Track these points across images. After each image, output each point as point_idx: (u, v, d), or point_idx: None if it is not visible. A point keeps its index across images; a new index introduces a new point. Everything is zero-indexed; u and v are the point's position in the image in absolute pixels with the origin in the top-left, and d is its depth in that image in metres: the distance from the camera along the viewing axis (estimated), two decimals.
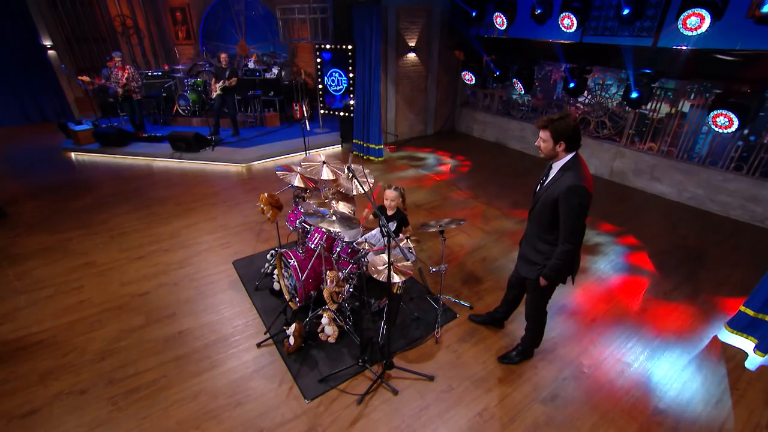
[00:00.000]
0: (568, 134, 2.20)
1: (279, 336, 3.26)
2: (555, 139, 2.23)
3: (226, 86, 7.44)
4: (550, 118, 2.22)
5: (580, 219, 2.23)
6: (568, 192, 2.19)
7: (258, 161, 7.16)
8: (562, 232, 2.30)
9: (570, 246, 2.30)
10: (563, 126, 2.19)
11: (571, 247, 2.30)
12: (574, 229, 2.26)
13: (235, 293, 3.82)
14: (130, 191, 5.98)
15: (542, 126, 2.25)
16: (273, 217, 3.76)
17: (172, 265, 4.22)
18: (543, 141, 2.29)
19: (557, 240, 2.39)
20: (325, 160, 3.69)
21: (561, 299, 3.71)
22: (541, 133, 2.29)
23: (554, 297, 2.97)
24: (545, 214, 2.39)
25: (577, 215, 2.22)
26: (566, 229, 2.28)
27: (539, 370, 3.01)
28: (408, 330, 3.40)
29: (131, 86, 7.19)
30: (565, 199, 2.21)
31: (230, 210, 5.44)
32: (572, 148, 2.26)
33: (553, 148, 2.27)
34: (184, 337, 3.29)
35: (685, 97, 5.44)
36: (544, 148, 2.31)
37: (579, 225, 2.25)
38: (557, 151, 2.28)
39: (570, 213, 2.22)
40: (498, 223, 5.15)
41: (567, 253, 2.32)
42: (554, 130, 2.21)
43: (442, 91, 8.69)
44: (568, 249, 2.30)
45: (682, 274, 4.08)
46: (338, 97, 7.23)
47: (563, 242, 2.31)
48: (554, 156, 2.31)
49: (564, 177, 2.25)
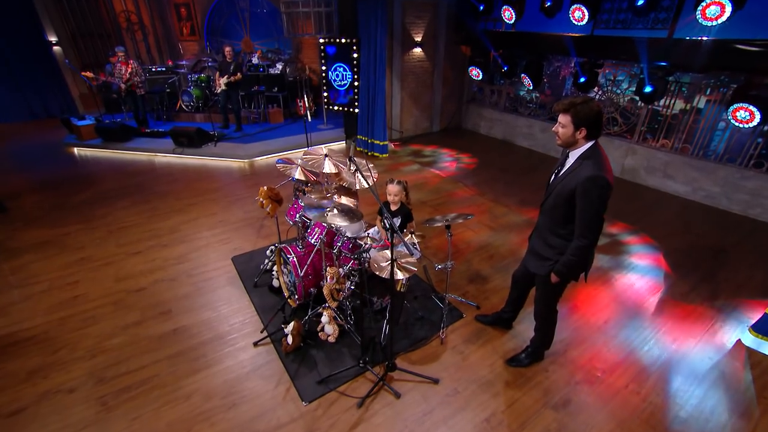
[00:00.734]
0: (591, 120, 2.03)
1: (277, 334, 3.12)
2: (576, 125, 2.06)
3: (231, 81, 7.33)
4: (572, 101, 2.05)
5: (599, 212, 2.06)
6: (587, 182, 2.02)
7: (261, 157, 7.04)
8: (578, 226, 2.13)
9: (586, 241, 2.12)
10: (586, 110, 2.01)
11: (587, 243, 2.13)
12: (592, 223, 2.09)
13: (234, 290, 3.69)
14: (131, 186, 5.88)
15: (563, 109, 2.07)
16: (272, 211, 3.63)
17: (170, 261, 4.10)
18: (562, 126, 2.12)
19: (571, 234, 2.22)
20: (328, 153, 3.55)
21: (572, 299, 3.53)
22: (560, 118, 2.12)
23: (565, 296, 2.80)
24: (560, 206, 2.22)
25: (595, 208, 2.05)
26: (583, 222, 2.10)
27: (550, 373, 2.84)
28: (412, 330, 3.25)
29: (134, 81, 7.09)
30: (584, 190, 2.04)
31: (231, 205, 5.31)
32: (593, 135, 2.09)
33: (572, 134, 2.10)
34: (179, 335, 3.16)
35: (700, 92, 5.22)
36: (563, 135, 2.13)
37: (597, 219, 2.08)
38: (576, 138, 2.11)
39: (588, 205, 2.05)
40: (505, 221, 4.98)
41: (582, 248, 2.15)
42: (576, 115, 2.03)
43: (449, 88, 8.52)
44: (583, 244, 2.13)
45: (699, 275, 3.87)
46: (342, 92, 7.09)
47: (579, 237, 2.14)
48: (572, 144, 2.14)
49: (582, 166, 2.08)
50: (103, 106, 8.50)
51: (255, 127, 8.33)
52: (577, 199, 2.08)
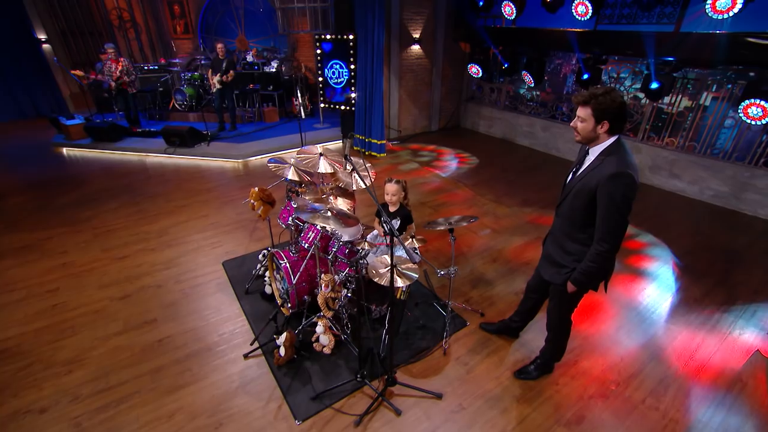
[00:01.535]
0: (614, 112, 1.82)
1: (269, 345, 2.90)
2: (597, 118, 1.86)
3: (224, 80, 7.10)
4: (592, 93, 1.84)
5: (623, 214, 1.85)
6: (611, 181, 1.81)
7: (255, 157, 6.81)
8: (598, 230, 1.92)
9: (607, 246, 1.92)
10: (608, 102, 1.81)
11: (609, 248, 1.92)
12: (614, 227, 1.88)
13: (224, 297, 3.47)
14: (120, 187, 5.63)
15: (583, 102, 1.87)
16: (264, 213, 3.41)
17: (157, 266, 3.87)
18: (581, 120, 1.91)
19: (590, 239, 2.01)
20: (323, 152, 3.34)
21: (581, 304, 3.29)
22: (579, 111, 1.91)
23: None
24: (578, 209, 2.01)
25: (619, 209, 1.84)
26: (604, 225, 1.90)
27: (561, 387, 2.64)
28: (412, 339, 3.04)
29: (125, 79, 6.84)
30: (606, 189, 1.83)
31: (223, 207, 5.09)
32: (616, 129, 1.88)
33: (593, 128, 1.89)
34: (164, 346, 2.94)
35: (707, 90, 5.04)
36: (582, 129, 1.93)
37: (620, 221, 1.87)
38: (598, 133, 1.90)
39: (611, 206, 1.84)
40: (508, 222, 4.77)
41: (603, 254, 1.94)
42: (597, 107, 1.83)
43: (447, 86, 8.31)
44: (604, 250, 1.92)
45: (712, 279, 3.68)
46: (339, 90, 6.86)
47: (599, 241, 1.93)
48: (593, 139, 1.94)
49: (605, 163, 1.87)
50: (94, 106, 8.24)
51: (250, 126, 8.10)
52: (599, 200, 1.88)
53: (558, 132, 7.00)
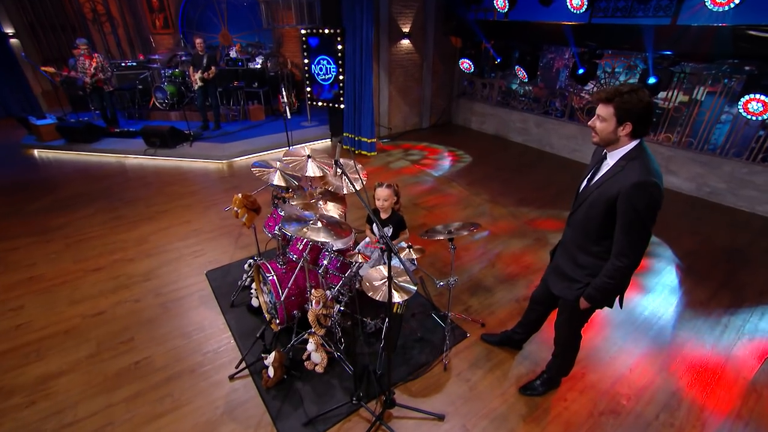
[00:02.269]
0: (639, 113, 1.64)
1: (257, 365, 2.68)
2: (619, 119, 1.67)
3: (205, 78, 6.76)
4: (617, 90, 1.65)
5: (647, 226, 1.68)
6: (634, 190, 1.63)
7: (240, 157, 6.51)
8: (618, 243, 1.75)
9: (627, 262, 1.74)
10: (634, 101, 1.62)
11: (629, 264, 1.74)
12: (637, 240, 1.71)
13: (208, 311, 3.23)
14: (96, 192, 5.30)
15: (605, 99, 1.68)
16: (249, 221, 3.17)
17: (135, 278, 3.60)
18: (601, 120, 1.72)
19: (606, 252, 1.84)
20: (311, 154, 3.11)
21: None
22: (600, 109, 1.72)
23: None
24: (594, 219, 1.83)
25: (642, 221, 1.67)
26: (625, 239, 1.72)
27: (569, 403, 2.48)
28: (410, 354, 2.85)
29: (100, 77, 6.44)
30: (629, 199, 1.65)
31: (206, 212, 4.81)
32: (640, 132, 1.70)
33: (614, 130, 1.70)
34: (142, 369, 2.69)
35: (703, 84, 4.94)
36: (602, 130, 1.74)
37: (643, 235, 1.70)
38: (618, 136, 1.72)
39: (633, 218, 1.67)
40: (506, 224, 4.61)
41: (622, 270, 1.76)
42: (620, 106, 1.64)
43: (438, 81, 8.10)
44: (624, 265, 1.75)
45: (717, 280, 3.58)
46: (327, 87, 6.60)
47: (618, 256, 1.75)
48: (612, 142, 1.75)
49: (627, 170, 1.69)
50: (68, 104, 7.80)
51: (234, 125, 7.77)
52: (619, 210, 1.70)
53: (552, 128, 6.86)
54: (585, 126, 6.37)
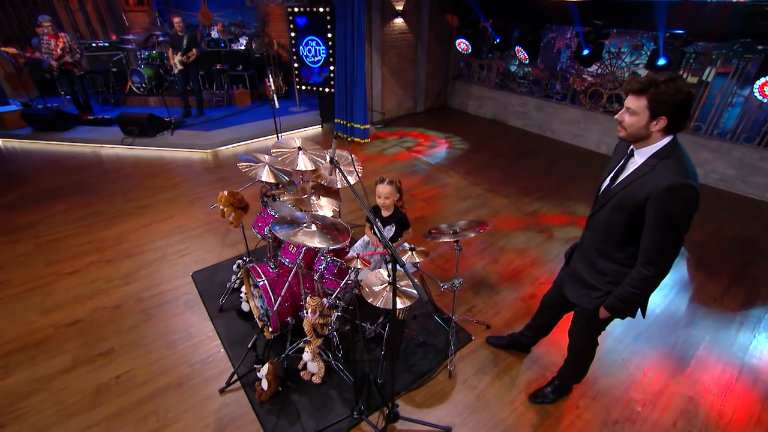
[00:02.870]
0: (676, 106, 1.46)
1: (249, 377, 2.53)
2: (653, 112, 1.49)
3: (186, 61, 6.37)
4: (652, 79, 1.46)
5: (679, 234, 1.53)
6: (668, 194, 1.47)
7: (226, 146, 6.22)
8: (646, 251, 1.60)
9: (655, 271, 1.60)
10: (671, 92, 1.43)
11: (657, 273, 1.60)
12: (668, 248, 1.56)
13: (194, 317, 3.05)
14: (69, 186, 5.01)
15: (637, 90, 1.49)
16: (236, 220, 2.97)
17: (115, 282, 3.39)
18: (631, 113, 1.54)
19: (631, 259, 1.70)
20: (301, 145, 2.89)
21: None
22: (630, 101, 1.53)
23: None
24: (618, 222, 1.68)
25: (675, 228, 1.52)
26: (655, 246, 1.57)
27: (582, 410, 2.39)
28: (412, 359, 2.72)
29: (68, 59, 6.02)
30: (661, 203, 1.49)
31: (191, 206, 4.57)
32: (675, 127, 1.53)
33: (645, 125, 1.53)
34: (124, 384, 2.52)
35: (712, 65, 4.77)
36: (631, 125, 1.56)
37: (675, 242, 1.55)
38: (650, 131, 1.54)
39: (665, 224, 1.52)
40: (508, 215, 4.47)
41: (650, 280, 1.62)
42: (655, 98, 1.46)
43: (434, 63, 7.80)
44: (652, 275, 1.61)
45: (729, 273, 3.50)
46: (316, 70, 6.28)
47: (646, 264, 1.61)
48: (643, 138, 1.58)
49: (659, 170, 1.53)
50: (34, 89, 7.34)
51: (219, 111, 7.43)
52: (649, 215, 1.54)
53: (552, 111, 6.67)
54: (587, 110, 6.20)
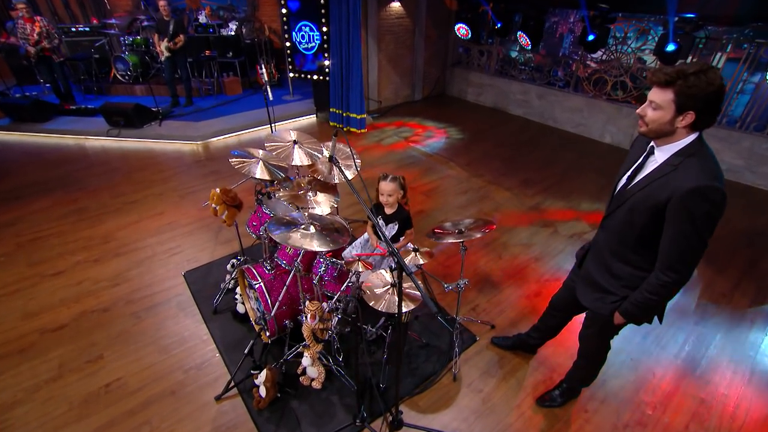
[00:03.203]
0: (706, 100, 1.35)
1: (246, 383, 2.46)
2: (680, 106, 1.38)
3: (172, 47, 6.13)
4: (680, 70, 1.35)
5: (703, 238, 1.45)
6: (692, 196, 1.38)
7: (217, 137, 6.04)
8: (666, 255, 1.52)
9: (676, 277, 1.52)
10: (702, 85, 1.32)
11: (678, 279, 1.52)
12: (689, 253, 1.48)
13: (187, 319, 2.96)
14: (52, 180, 4.83)
15: (663, 82, 1.38)
16: (230, 219, 2.86)
17: (103, 283, 3.28)
18: (655, 107, 1.43)
19: (648, 263, 1.62)
20: (297, 139, 2.77)
21: None
22: (654, 94, 1.42)
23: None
24: (635, 225, 1.59)
25: (698, 232, 1.43)
26: (676, 251, 1.49)
27: (591, 414, 2.35)
28: (416, 363, 2.66)
29: (45, 45, 5.76)
30: (685, 206, 1.41)
31: (182, 201, 4.44)
32: (703, 123, 1.42)
33: (670, 120, 1.42)
34: (114, 393, 2.44)
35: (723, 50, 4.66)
36: (653, 120, 1.45)
37: (698, 247, 1.47)
38: (675, 127, 1.44)
39: (688, 228, 1.43)
40: (510, 208, 4.39)
41: (668, 286, 1.55)
42: (683, 91, 1.35)
43: (432, 49, 7.61)
44: (671, 281, 1.53)
45: (738, 268, 3.46)
46: (310, 57, 6.08)
47: (665, 270, 1.53)
48: (666, 134, 1.47)
49: (683, 170, 1.43)
50: (11, 76, 7.05)
51: (209, 100, 7.21)
52: (670, 217, 1.46)
53: (555, 99, 6.55)
54: (591, 98, 6.09)
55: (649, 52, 5.41)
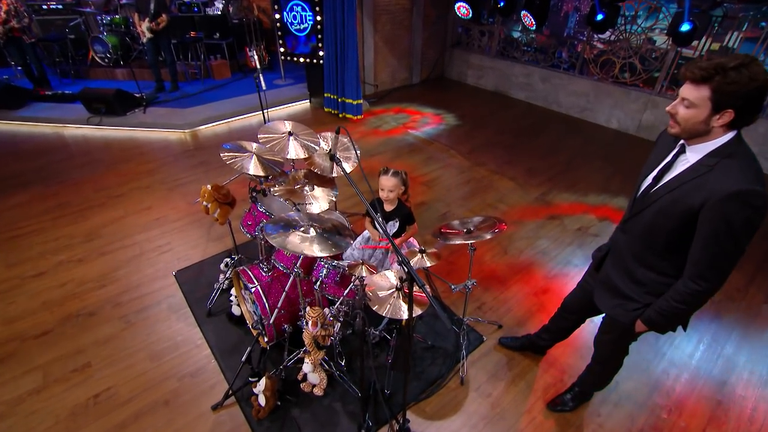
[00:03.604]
0: (747, 96, 1.23)
1: (244, 390, 2.39)
2: (717, 104, 1.26)
3: (155, 28, 5.84)
4: (719, 65, 1.22)
5: (740, 246, 1.35)
6: (731, 202, 1.28)
7: (206, 125, 5.83)
8: (697, 262, 1.43)
9: (707, 286, 1.43)
10: (743, 81, 1.20)
11: (709, 288, 1.43)
12: (724, 262, 1.39)
13: (180, 323, 2.86)
14: (29, 173, 4.64)
15: (699, 78, 1.26)
16: (222, 218, 2.74)
17: (88, 285, 3.15)
18: (688, 106, 1.32)
19: (674, 268, 1.53)
20: (292, 130, 2.63)
21: None
22: (688, 90, 1.31)
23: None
24: (662, 229, 1.49)
25: (735, 240, 1.33)
26: (708, 258, 1.40)
27: (604, 418, 2.31)
28: (421, 366, 2.60)
29: (14, 25, 5.45)
30: (721, 211, 1.31)
31: (170, 195, 4.28)
32: (742, 122, 1.31)
33: (705, 119, 1.31)
34: (103, 404, 2.35)
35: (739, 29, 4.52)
36: (687, 119, 1.34)
37: (734, 255, 1.37)
38: (711, 126, 1.33)
39: (724, 235, 1.33)
40: (515, 199, 4.30)
41: (699, 295, 1.46)
42: (722, 88, 1.23)
43: (430, 29, 7.36)
44: (702, 290, 1.44)
45: (754, 262, 3.41)
46: (303, 39, 5.83)
47: (696, 278, 1.44)
48: (701, 134, 1.36)
49: (719, 172, 1.32)
50: None
51: (196, 85, 6.94)
52: (704, 222, 1.36)
53: (559, 83, 6.39)
54: (598, 81, 5.94)
55: (659, 32, 5.24)
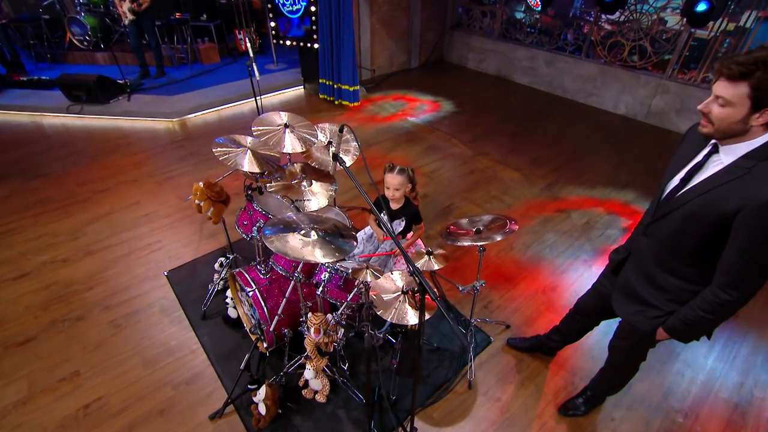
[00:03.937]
0: None
1: (243, 398, 2.32)
2: (757, 102, 1.17)
3: (136, 9, 5.59)
4: (759, 59, 1.12)
5: None
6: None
7: (195, 113, 5.65)
8: (729, 271, 1.35)
9: (738, 295, 1.36)
10: None
11: (740, 298, 1.37)
12: (758, 271, 1.31)
13: (174, 327, 2.78)
14: (5, 165, 4.48)
15: (738, 74, 1.16)
16: (216, 216, 2.62)
17: (74, 287, 3.05)
18: (724, 104, 1.22)
19: (702, 275, 1.46)
20: (288, 122, 2.50)
21: None
22: (722, 88, 1.21)
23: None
24: (691, 235, 1.42)
25: None
26: (742, 267, 1.32)
27: (618, 423, 2.28)
28: (427, 369, 2.55)
29: None
30: (758, 219, 1.22)
31: (159, 189, 4.15)
32: None
33: (743, 118, 1.21)
34: (94, 415, 2.28)
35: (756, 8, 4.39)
36: (722, 119, 1.24)
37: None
38: (749, 126, 1.23)
39: (761, 244, 1.25)
40: (520, 190, 4.21)
41: (729, 305, 1.39)
42: (763, 85, 1.14)
43: (429, 10, 7.14)
44: (733, 300, 1.37)
45: None
46: (296, 21, 5.61)
47: (727, 287, 1.37)
48: (737, 134, 1.27)
49: (757, 176, 1.23)
50: None
51: (183, 70, 6.71)
52: (740, 229, 1.27)
53: (565, 67, 6.25)
54: (605, 65, 5.80)
55: (671, 12, 5.10)
